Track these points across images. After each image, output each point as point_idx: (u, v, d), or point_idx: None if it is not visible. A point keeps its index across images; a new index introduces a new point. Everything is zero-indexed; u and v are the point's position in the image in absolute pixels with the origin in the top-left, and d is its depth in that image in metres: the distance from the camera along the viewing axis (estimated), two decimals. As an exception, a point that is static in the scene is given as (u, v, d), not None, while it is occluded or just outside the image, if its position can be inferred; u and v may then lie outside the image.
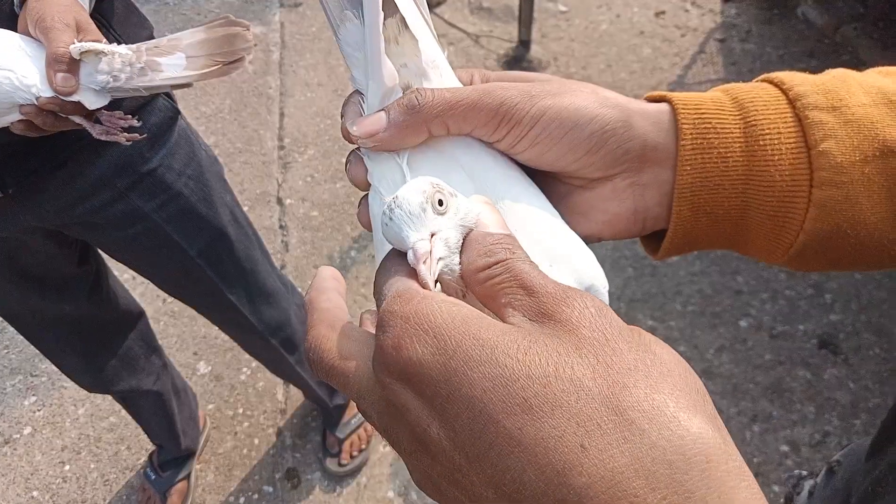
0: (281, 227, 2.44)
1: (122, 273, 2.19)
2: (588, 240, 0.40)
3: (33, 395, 2.02)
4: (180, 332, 2.12)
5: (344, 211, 2.47)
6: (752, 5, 3.42)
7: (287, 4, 3.66)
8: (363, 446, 1.77)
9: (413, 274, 0.29)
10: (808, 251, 0.39)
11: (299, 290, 2.19)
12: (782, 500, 0.80)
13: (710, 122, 0.38)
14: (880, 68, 0.42)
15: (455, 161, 0.38)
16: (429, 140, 0.38)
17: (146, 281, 2.21)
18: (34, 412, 1.98)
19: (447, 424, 0.25)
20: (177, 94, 1.12)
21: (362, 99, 0.39)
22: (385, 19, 0.36)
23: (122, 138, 0.86)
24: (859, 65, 3.00)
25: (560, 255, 0.36)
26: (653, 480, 0.22)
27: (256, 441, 1.88)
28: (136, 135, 0.87)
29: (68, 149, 0.99)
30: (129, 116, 0.87)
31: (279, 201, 2.54)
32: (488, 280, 0.28)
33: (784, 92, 0.39)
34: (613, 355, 0.24)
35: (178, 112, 1.13)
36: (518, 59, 3.13)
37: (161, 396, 1.56)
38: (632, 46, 3.22)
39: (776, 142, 0.37)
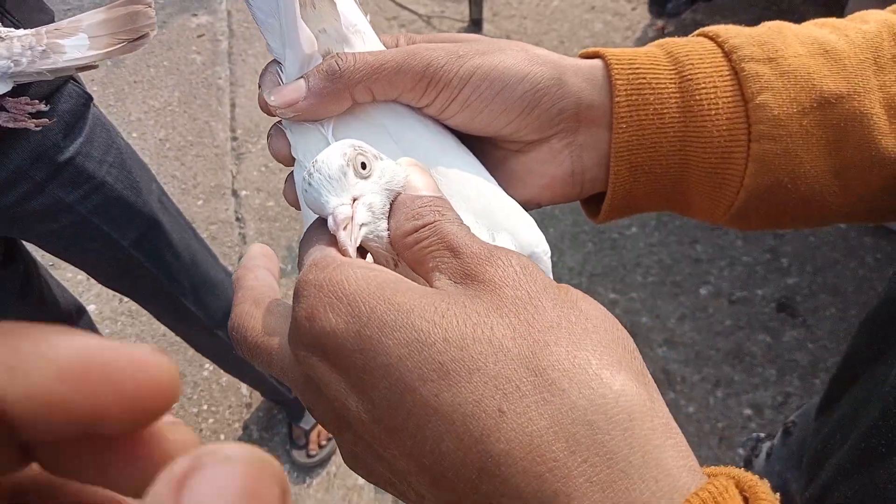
0: (237, 219, 2.40)
1: (75, 274, 2.13)
2: (526, 205, 0.39)
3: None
4: (139, 331, 2.07)
5: (301, 200, 2.44)
6: (701, -24, 3.44)
7: (233, -8, 3.57)
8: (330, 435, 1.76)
9: (334, 242, 0.28)
10: (749, 208, 0.38)
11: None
12: (742, 464, 0.81)
13: (644, 78, 0.37)
14: (816, 20, 0.42)
15: (383, 129, 0.36)
16: (353, 108, 0.36)
17: (99, 281, 2.17)
18: None
19: (364, 396, 0.24)
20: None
21: (280, 69, 0.37)
22: None
23: (31, 124, 0.83)
24: (807, 31, 3.04)
25: (499, 222, 0.35)
26: (573, 443, 0.21)
27: (222, 437, 1.85)
28: (46, 120, 0.85)
29: None
30: (36, 101, 0.84)
31: (234, 193, 2.49)
32: (416, 244, 0.27)
33: (719, 45, 0.38)
34: (536, 313, 0.24)
35: (90, 98, 1.09)
36: (471, 38, 3.11)
37: None
38: (583, 21, 3.22)
39: (712, 96, 0.37)
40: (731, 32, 0.38)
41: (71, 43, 0.83)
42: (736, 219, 0.39)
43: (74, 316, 1.39)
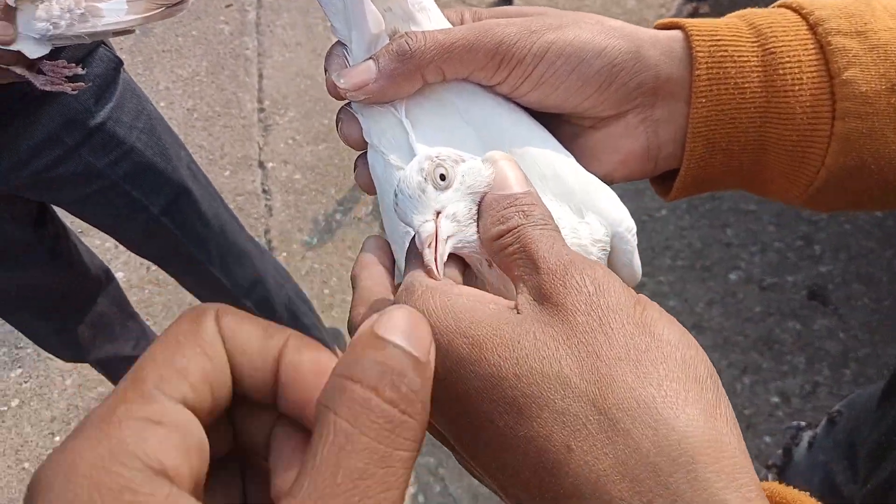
0: (264, 191, 2.40)
1: (104, 241, 2.15)
2: None
3: (19, 366, 1.99)
4: (166, 300, 2.09)
5: (328, 173, 2.43)
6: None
7: (262, -39, 3.54)
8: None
9: (422, 259, 0.29)
10: (828, 188, 0.36)
11: (283, 255, 2.16)
12: (780, 451, 0.80)
13: (725, 50, 0.35)
14: None
15: (455, 109, 0.36)
16: (424, 88, 0.35)
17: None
18: (21, 384, 1.96)
19: (450, 424, 0.26)
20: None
21: (346, 50, 0.36)
22: None
23: (68, 87, 0.83)
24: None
25: (582, 202, 0.34)
26: (637, 483, 0.22)
27: (247, 407, 1.87)
28: (82, 83, 0.84)
29: (11, 107, 0.96)
30: (73, 65, 0.83)
31: (261, 165, 2.49)
32: (501, 251, 0.28)
33: (804, 17, 0.36)
34: (605, 342, 0.23)
35: (121, 63, 1.09)
36: (505, 4, 3.06)
37: None
38: (618, -3, 3.16)
39: (796, 70, 0.35)
40: (816, 3, 0.36)
41: (109, 6, 0.82)
42: (813, 199, 0.38)
43: (104, 281, 1.40)
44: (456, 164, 0.29)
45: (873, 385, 0.59)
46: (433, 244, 0.28)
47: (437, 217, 0.29)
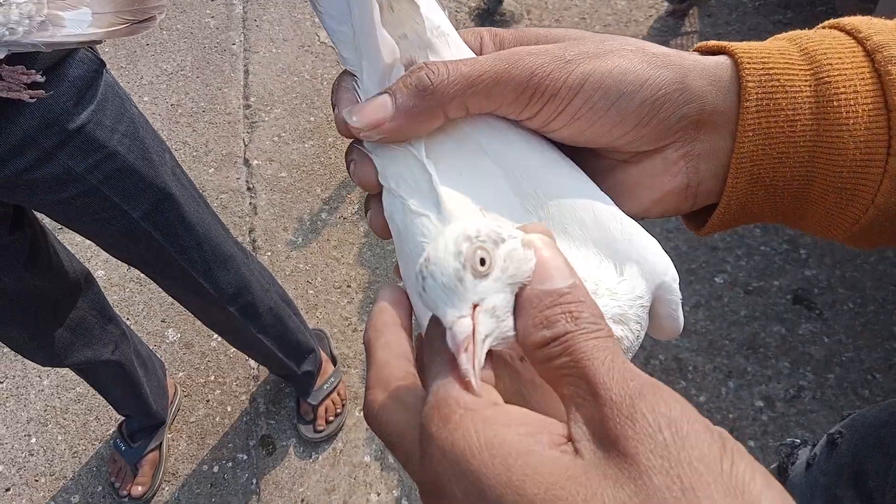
0: (248, 188, 2.37)
1: (83, 239, 2.11)
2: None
3: (-5, 367, 1.95)
4: (147, 299, 2.05)
5: (314, 171, 2.40)
6: (729, -45, 3.35)
7: (249, -45, 3.50)
8: (338, 410, 1.75)
9: (454, 361, 0.25)
10: (874, 227, 0.34)
11: (267, 254, 2.14)
12: (773, 467, 0.78)
13: (778, 80, 0.32)
14: None
15: (480, 148, 0.32)
16: (445, 124, 0.32)
17: (109, 247, 2.14)
18: (-4, 385, 1.92)
19: None
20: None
21: (356, 82, 0.33)
22: None
23: (25, 95, 0.80)
24: (835, 15, 2.96)
25: (623, 251, 0.31)
26: None
27: (229, 408, 1.84)
28: (42, 92, 0.80)
29: None
30: (32, 72, 0.80)
31: (246, 162, 2.45)
32: (547, 361, 0.24)
33: (860, 42, 0.33)
34: None
35: (103, 64, 1.05)
36: (490, 11, 3.04)
37: (122, 366, 1.50)
38: (607, -2, 3.15)
39: (852, 102, 0.32)
40: (873, 27, 0.34)
41: (72, 17, 0.78)
42: (856, 237, 0.35)
43: (83, 285, 1.37)
44: (496, 245, 0.25)
45: (875, 406, 0.58)
46: (471, 348, 0.24)
47: (474, 312, 0.25)
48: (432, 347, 0.26)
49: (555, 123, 0.32)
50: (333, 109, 0.34)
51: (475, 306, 0.25)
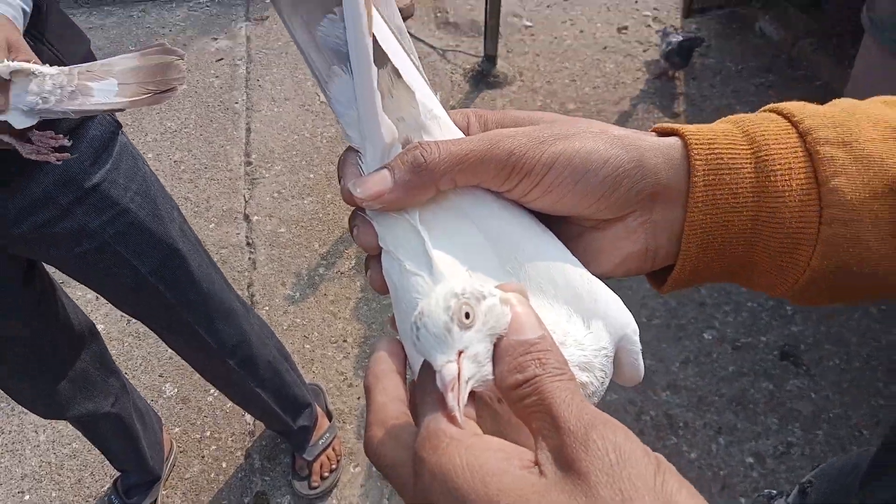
0: (248, 244, 2.42)
1: (85, 293, 2.15)
2: (600, 279, 0.39)
3: (-8, 421, 1.96)
4: (145, 353, 2.08)
5: (312, 227, 2.46)
6: (712, 20, 3.50)
7: (254, 18, 3.64)
8: (333, 466, 1.76)
9: (443, 400, 0.29)
10: (812, 286, 0.38)
11: (265, 309, 2.17)
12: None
13: (722, 158, 0.37)
14: (883, 97, 0.42)
15: (467, 216, 0.37)
16: (437, 195, 0.37)
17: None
18: (-7, 439, 1.93)
19: None
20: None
21: (360, 157, 0.37)
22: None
23: (52, 158, 0.85)
24: (815, 79, 3.08)
25: (590, 308, 0.36)
26: None
27: (224, 465, 1.85)
28: (67, 154, 0.86)
29: (7, 166, 0.98)
30: (60, 136, 0.85)
31: (246, 218, 2.51)
32: (520, 401, 0.29)
33: (794, 124, 0.38)
34: None
35: (119, 126, 1.12)
36: (484, 73, 3.15)
37: (122, 419, 1.52)
38: (595, 61, 3.27)
39: (787, 178, 0.36)
40: (805, 112, 0.38)
41: (100, 87, 0.84)
42: (798, 295, 0.39)
43: (87, 337, 1.40)
44: (478, 301, 0.30)
45: (844, 455, 0.61)
46: (456, 388, 0.29)
47: (459, 357, 0.29)
48: (424, 388, 0.31)
49: (531, 195, 0.37)
50: (340, 181, 0.38)
51: (460, 353, 0.29)
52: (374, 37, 0.35)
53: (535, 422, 0.28)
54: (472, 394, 0.30)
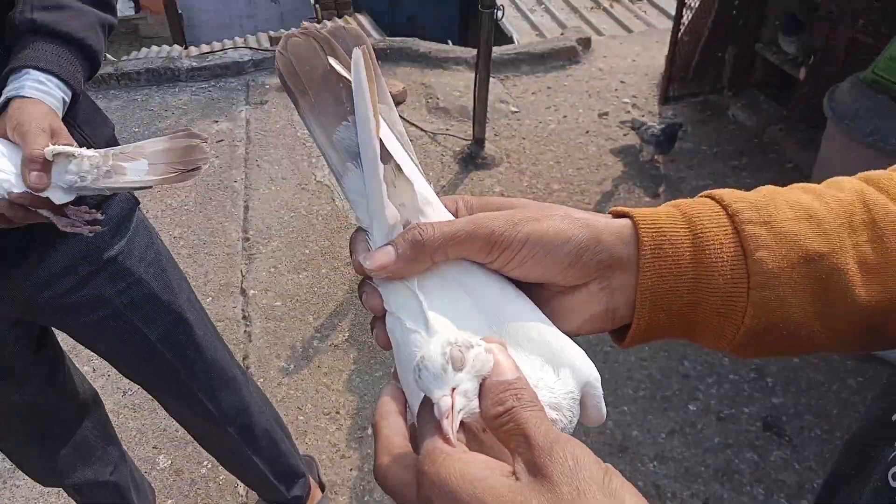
0: (244, 317, 2.48)
1: (82, 364, 2.18)
2: (569, 336, 0.46)
3: (-19, 494, 1.96)
4: (140, 425, 2.10)
5: (307, 301, 2.53)
6: (688, 107, 3.72)
7: (253, 102, 3.81)
8: (325, 539, 1.76)
9: (439, 426, 0.37)
10: (748, 341, 0.46)
11: (260, 380, 2.21)
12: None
13: (665, 235, 0.45)
14: (802, 185, 0.50)
15: (458, 283, 0.45)
16: (431, 266, 0.45)
17: (106, 373, 2.21)
18: (-18, 513, 1.92)
19: None
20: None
21: (368, 236, 0.46)
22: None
23: (86, 230, 0.93)
24: (785, 162, 3.26)
25: (559, 359, 0.43)
26: None
27: (216, 537, 1.85)
28: (98, 227, 0.94)
29: (34, 239, 1.05)
30: (94, 210, 0.94)
31: (243, 292, 2.58)
32: (501, 427, 0.36)
33: (724, 208, 0.46)
34: None
35: (137, 203, 1.20)
36: (473, 155, 3.31)
37: (119, 489, 1.54)
38: (578, 144, 3.45)
39: (719, 251, 0.44)
40: (733, 197, 0.47)
41: (132, 166, 0.93)
42: (737, 349, 0.47)
43: (91, 405, 1.44)
44: (468, 349, 0.38)
45: None
46: (450, 416, 0.36)
47: (453, 393, 0.36)
48: (423, 419, 0.39)
49: (509, 266, 0.45)
50: (351, 255, 0.47)
51: (453, 389, 0.37)
52: (380, 140, 0.43)
53: (512, 442, 0.35)
54: (462, 424, 0.38)
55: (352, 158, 0.46)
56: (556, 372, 0.42)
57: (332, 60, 0.47)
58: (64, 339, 1.31)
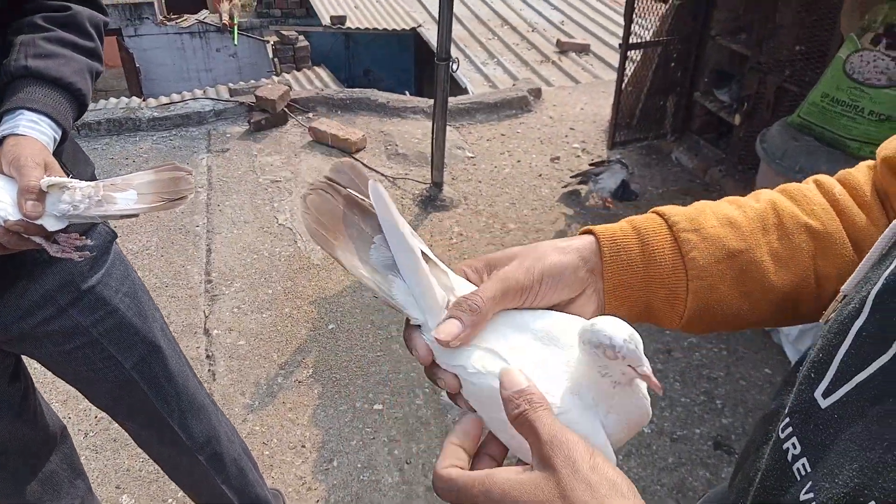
0: (208, 356, 2.49)
1: (49, 400, 2.15)
2: None
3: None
4: (102, 465, 2.09)
5: (271, 339, 2.56)
6: (634, 151, 3.93)
7: (214, 150, 3.88)
8: (292, 572, 1.77)
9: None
10: (693, 320, 0.58)
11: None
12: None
13: (620, 245, 0.58)
14: (731, 198, 0.63)
15: (498, 330, 0.54)
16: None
17: (67, 415, 2.20)
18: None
19: None
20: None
21: (421, 329, 0.54)
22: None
23: (76, 255, 0.99)
24: (721, 196, 3.46)
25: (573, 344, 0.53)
26: None
27: (181, 574, 1.83)
28: (87, 252, 1.00)
29: (17, 269, 1.09)
30: (83, 237, 1.00)
31: (206, 332, 2.60)
32: (519, 427, 0.46)
33: (665, 220, 0.59)
34: (575, 484, 0.41)
35: (115, 235, 1.26)
36: (432, 198, 3.42)
37: None
38: (532, 187, 3.60)
39: (661, 252, 0.57)
40: (673, 211, 0.60)
41: (122, 196, 0.99)
42: (686, 327, 0.59)
43: (59, 438, 1.45)
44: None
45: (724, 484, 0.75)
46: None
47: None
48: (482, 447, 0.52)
49: (535, 302, 0.56)
50: (411, 351, 0.56)
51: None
52: (416, 245, 0.53)
53: (529, 437, 0.45)
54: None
55: (390, 271, 0.54)
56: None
57: (350, 191, 0.55)
58: (31, 372, 1.33)
